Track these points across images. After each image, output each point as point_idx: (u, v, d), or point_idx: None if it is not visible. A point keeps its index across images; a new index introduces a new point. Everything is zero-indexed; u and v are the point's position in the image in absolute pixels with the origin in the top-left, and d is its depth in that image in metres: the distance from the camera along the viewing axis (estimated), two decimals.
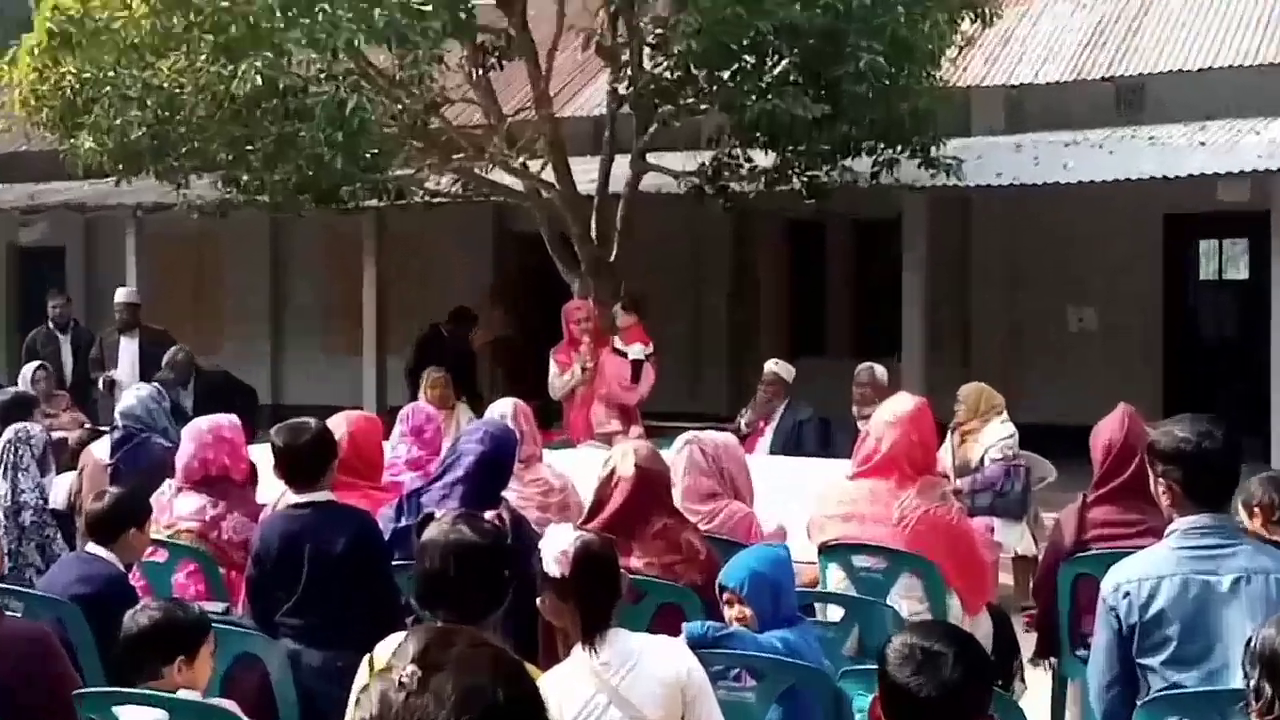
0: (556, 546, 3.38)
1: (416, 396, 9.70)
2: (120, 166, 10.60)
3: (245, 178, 10.99)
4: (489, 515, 3.44)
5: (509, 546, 3.39)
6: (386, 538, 4.84)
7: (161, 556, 5.30)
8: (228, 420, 5.67)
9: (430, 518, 3.50)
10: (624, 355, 9.38)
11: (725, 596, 4.03)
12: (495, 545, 3.38)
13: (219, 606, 4.52)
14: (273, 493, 5.35)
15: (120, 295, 12.26)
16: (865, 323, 15.05)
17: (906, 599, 4.91)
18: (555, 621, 3.44)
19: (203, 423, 5.67)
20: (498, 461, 4.96)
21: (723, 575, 4.08)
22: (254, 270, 17.44)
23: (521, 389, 9.18)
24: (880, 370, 9.02)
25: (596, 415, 9.31)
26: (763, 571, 4.02)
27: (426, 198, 12.42)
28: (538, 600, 3.40)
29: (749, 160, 11.07)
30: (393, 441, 6.27)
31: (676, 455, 5.29)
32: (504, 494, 5.24)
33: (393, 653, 1.85)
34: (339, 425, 5.47)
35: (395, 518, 5.00)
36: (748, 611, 3.98)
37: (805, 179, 11.01)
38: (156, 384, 7.30)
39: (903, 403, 5.20)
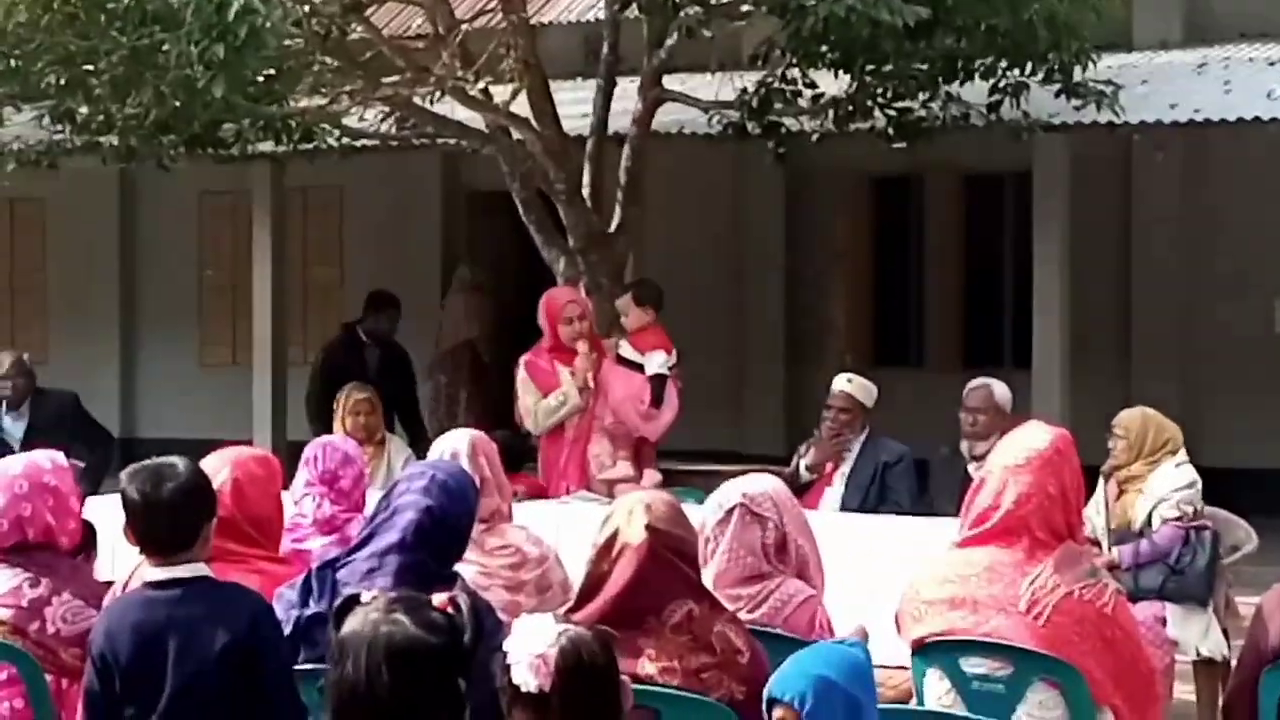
0: (530, 648, 3.38)
1: (327, 428, 9.69)
2: None
3: (84, 111, 10.99)
4: (438, 599, 3.44)
5: (466, 647, 3.39)
6: (287, 629, 4.85)
7: None
8: (49, 459, 5.68)
9: (354, 601, 3.49)
10: (637, 368, 9.36)
11: (778, 713, 4.03)
12: (448, 645, 3.38)
13: None
14: (120, 566, 5.34)
15: None
16: (978, 321, 15.05)
17: (1041, 719, 4.90)
18: None
19: (13, 464, 5.67)
20: (449, 521, 4.95)
21: (773, 685, 4.08)
22: (96, 245, 17.51)
23: (487, 419, 9.19)
24: (1001, 390, 9.00)
25: (599, 455, 9.27)
26: (831, 679, 4.02)
27: (345, 140, 12.44)
28: None
29: (811, 86, 11.09)
30: (295, 492, 6.27)
31: (711, 518, 5.30)
32: (457, 567, 5.25)
33: None
34: (219, 469, 5.47)
35: (299, 601, 5.00)
36: None
37: (892, 113, 11.02)
38: None
39: (1034, 437, 5.18)
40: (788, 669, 4.11)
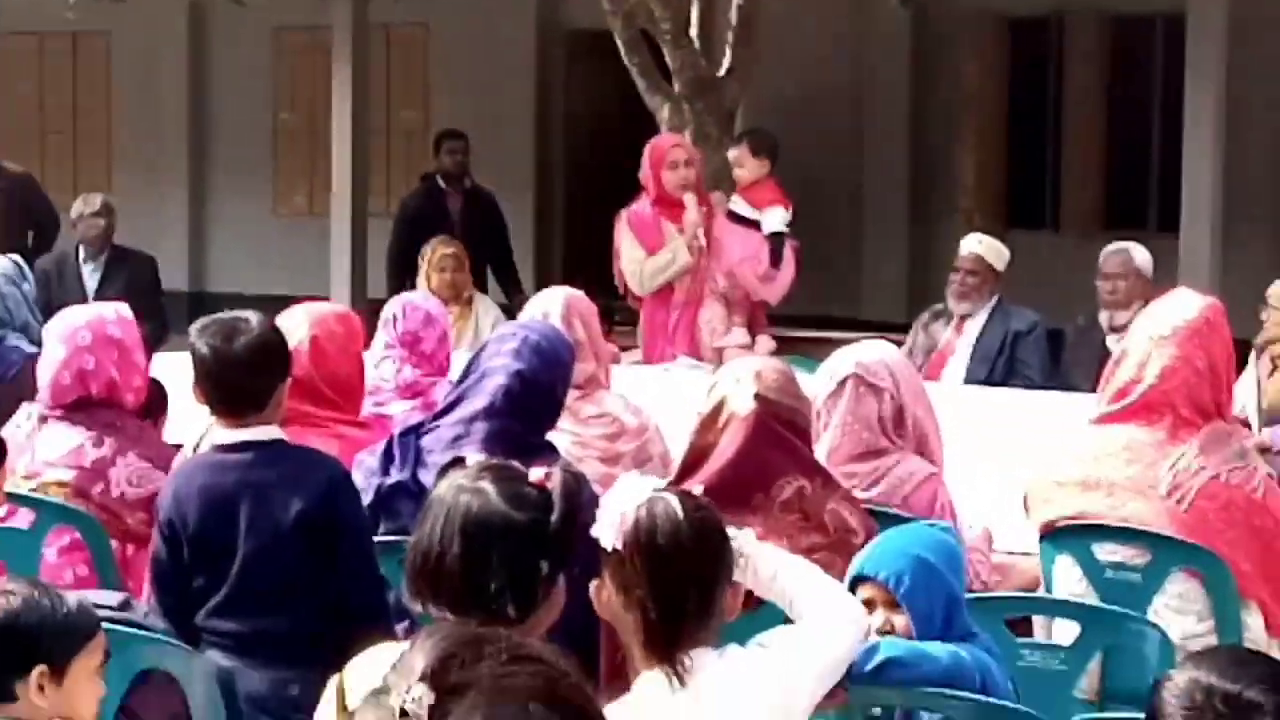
0: (617, 504, 3.41)
1: (406, 285, 9.73)
2: None
3: None
4: (535, 474, 3.47)
5: (554, 527, 3.42)
6: (367, 499, 4.91)
7: (24, 520, 5.40)
8: (114, 310, 5.74)
9: (459, 463, 3.53)
10: (751, 225, 9.33)
11: (865, 593, 4.04)
12: (531, 522, 3.41)
13: (113, 598, 4.60)
14: (190, 429, 5.41)
15: None
16: (1121, 179, 14.90)
17: (1179, 613, 4.89)
18: (613, 623, 3.48)
19: (76, 314, 5.74)
20: (542, 386, 4.99)
21: (864, 562, 4.09)
22: (163, 83, 17.60)
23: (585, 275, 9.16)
24: (1142, 254, 8.93)
25: (710, 320, 9.24)
26: (931, 562, 4.03)
27: None
28: (591, 588, 3.44)
29: None
30: (374, 354, 6.31)
31: (823, 389, 5.30)
32: (550, 437, 5.29)
33: (393, 667, 1.88)
34: (296, 326, 5.52)
35: (380, 469, 5.05)
36: (899, 621, 4.00)
37: None
38: (13, 257, 7.41)
39: (1182, 306, 5.15)
40: (880, 545, 4.13)
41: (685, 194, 9.14)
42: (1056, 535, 5.15)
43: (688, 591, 3.38)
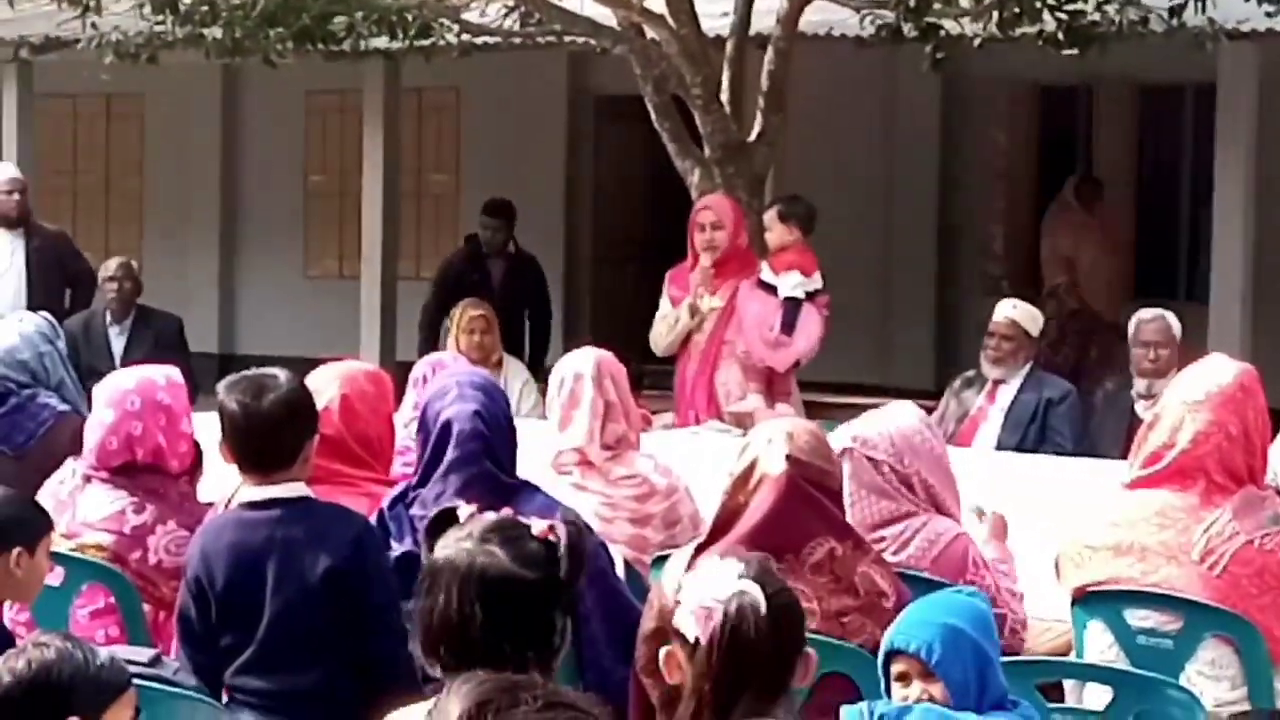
0: (703, 593, 3.40)
1: (434, 346, 9.77)
2: None
3: (187, 1, 11.10)
4: (537, 527, 3.47)
5: (563, 579, 3.42)
6: None
7: (56, 578, 5.40)
8: (164, 375, 5.76)
9: (449, 516, 3.52)
10: (772, 290, 9.35)
11: (899, 667, 4.02)
12: (544, 579, 3.41)
13: (144, 654, 4.60)
14: (220, 488, 5.41)
15: None
16: (1152, 246, 14.89)
17: (1212, 680, 4.88)
18: (663, 695, 3.46)
19: (126, 378, 5.75)
20: (500, 419, 5.06)
21: (894, 636, 4.06)
22: (196, 145, 17.68)
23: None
24: (1176, 322, 8.94)
25: (726, 383, 9.29)
26: (960, 628, 4.00)
27: (464, 37, 12.46)
28: (639, 659, 3.42)
29: None
30: (405, 414, 6.32)
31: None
32: (580, 499, 5.29)
33: (428, 713, 1.88)
34: (326, 384, 5.53)
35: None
36: (936, 690, 3.98)
37: (1063, 15, 10.88)
38: (46, 315, 7.43)
39: (1215, 372, 5.15)
40: (909, 617, 4.10)
41: (704, 254, 9.21)
42: (1088, 600, 5.13)
43: (753, 683, 3.36)
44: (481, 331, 9.82)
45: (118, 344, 10.71)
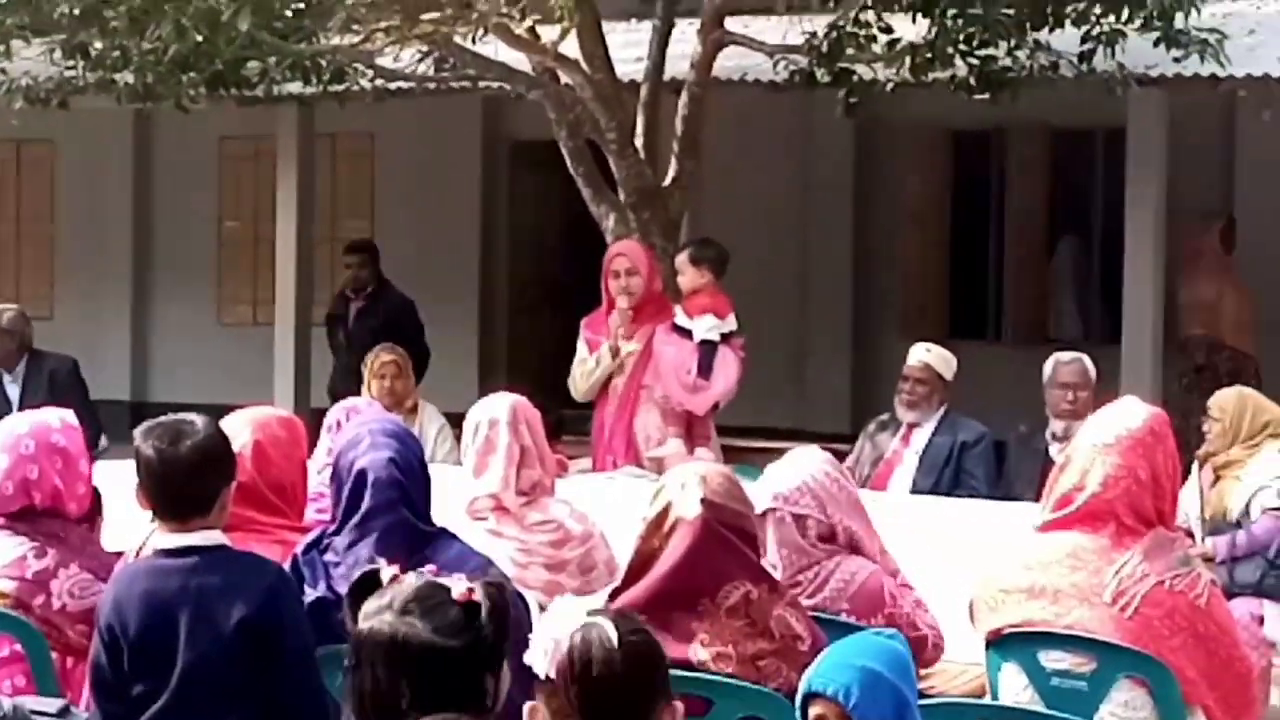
0: (550, 631, 3.38)
1: (346, 390, 9.76)
2: None
3: (99, 46, 11.06)
4: (457, 590, 3.45)
5: (488, 643, 3.41)
6: None
7: None
8: (59, 418, 5.71)
9: (370, 580, 3.50)
10: (687, 334, 9.35)
11: (816, 710, 4.02)
12: (469, 646, 3.39)
13: (53, 704, 4.55)
14: (129, 537, 5.37)
15: None
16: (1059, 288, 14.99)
17: None
18: None
19: (19, 422, 5.70)
20: (415, 466, 5.03)
21: (812, 678, 4.06)
22: (108, 191, 17.59)
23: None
24: (1091, 367, 9.01)
25: (645, 427, 9.28)
26: (877, 671, 4.02)
27: (378, 82, 12.45)
28: (525, 710, 3.40)
29: (886, 30, 11.06)
30: (318, 460, 6.29)
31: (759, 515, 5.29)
32: (495, 545, 5.27)
33: None
34: (238, 430, 5.49)
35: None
36: None
37: (975, 61, 10.98)
38: None
39: (1127, 415, 5.16)
40: (827, 660, 4.11)
41: (621, 298, 9.23)
42: (1002, 642, 5.14)
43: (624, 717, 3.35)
44: (393, 376, 9.80)
45: (13, 391, 10.59)
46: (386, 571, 3.46)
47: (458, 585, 3.39)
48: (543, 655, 3.34)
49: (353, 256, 12.97)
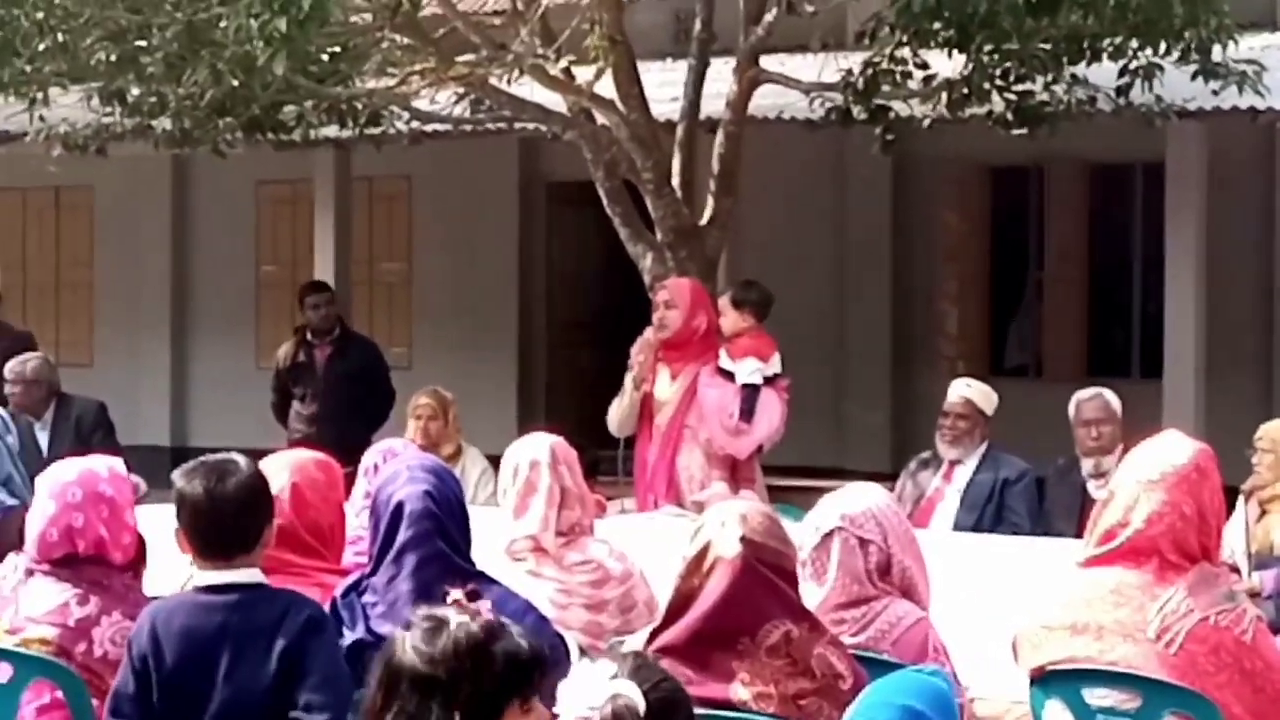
0: (579, 702, 3.37)
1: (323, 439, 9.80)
2: None
3: (135, 92, 11.11)
4: (483, 615, 3.45)
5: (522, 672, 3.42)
6: None
7: (3, 675, 5.36)
8: (106, 466, 5.72)
9: (440, 624, 3.50)
10: (731, 377, 9.31)
11: None
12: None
13: None
14: (168, 580, 5.37)
15: None
16: (1103, 327, 14.95)
17: None
18: None
19: (67, 470, 5.72)
20: (451, 500, 5.05)
21: (854, 715, 4.03)
22: (146, 237, 17.67)
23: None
24: (1114, 400, 8.95)
25: (688, 467, 9.25)
26: (919, 710, 3.99)
27: (414, 125, 12.49)
28: None
29: (922, 66, 11.07)
30: (356, 503, 6.29)
31: (810, 539, 5.27)
32: (536, 585, 5.26)
33: None
34: (276, 473, 5.50)
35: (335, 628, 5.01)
36: None
37: (1012, 96, 10.98)
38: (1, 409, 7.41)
39: (1173, 451, 5.13)
40: (867, 699, 4.07)
41: (655, 332, 9.24)
42: (1046, 680, 5.11)
43: None
44: (428, 418, 9.86)
45: (43, 438, 10.59)
46: (454, 594, 3.48)
47: (483, 608, 3.43)
48: None
49: (319, 296, 12.63)
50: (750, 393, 9.21)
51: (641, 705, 3.34)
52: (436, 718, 3.36)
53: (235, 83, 10.21)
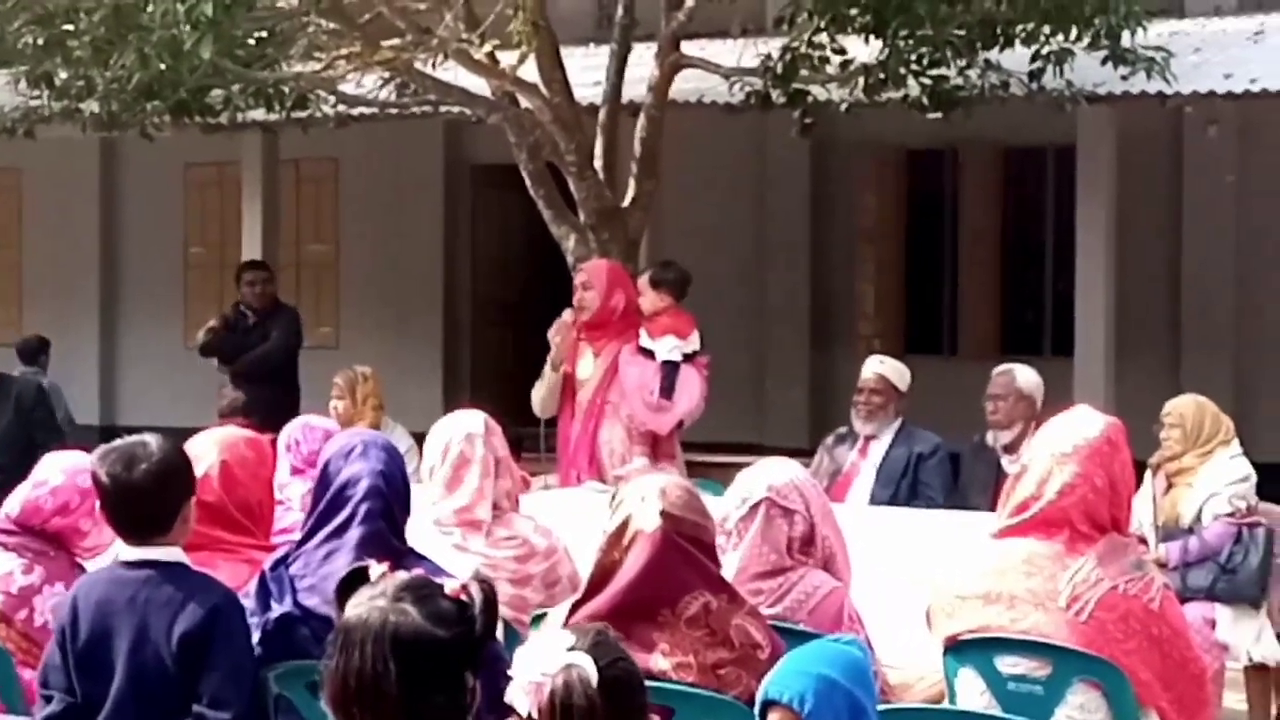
0: (532, 668, 3.37)
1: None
2: None
3: (63, 75, 11.03)
4: (449, 585, 3.43)
5: (476, 639, 3.39)
6: (255, 637, 4.80)
7: None
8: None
9: (359, 576, 3.47)
10: (651, 355, 9.34)
11: (774, 718, 4.01)
12: (458, 638, 3.37)
13: None
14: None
15: None
16: (1016, 306, 15.04)
17: None
18: None
19: (75, 459, 5.65)
20: (399, 482, 5.01)
21: (769, 685, 4.05)
22: (75, 219, 17.54)
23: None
24: (1026, 376, 8.97)
25: (609, 444, 9.26)
26: (833, 678, 3.99)
27: (341, 108, 12.45)
28: None
29: (840, 52, 11.10)
30: (280, 480, 6.29)
31: (735, 512, 5.28)
32: (461, 560, 5.25)
33: None
34: (205, 451, 5.49)
35: (259, 606, 4.93)
36: None
37: (927, 81, 11.02)
38: None
39: (1084, 425, 5.17)
40: (784, 668, 4.09)
41: (573, 314, 9.28)
42: (959, 648, 5.14)
43: None
44: (334, 397, 9.91)
45: None
46: (376, 568, 3.44)
47: (450, 582, 3.37)
48: (523, 694, 3.33)
49: (255, 274, 12.80)
50: (670, 370, 9.24)
51: (595, 678, 3.30)
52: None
53: (163, 66, 10.14)
